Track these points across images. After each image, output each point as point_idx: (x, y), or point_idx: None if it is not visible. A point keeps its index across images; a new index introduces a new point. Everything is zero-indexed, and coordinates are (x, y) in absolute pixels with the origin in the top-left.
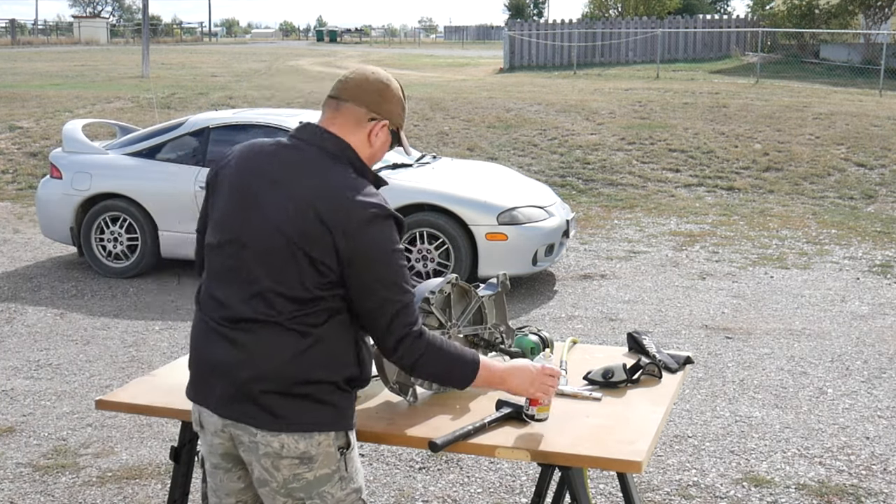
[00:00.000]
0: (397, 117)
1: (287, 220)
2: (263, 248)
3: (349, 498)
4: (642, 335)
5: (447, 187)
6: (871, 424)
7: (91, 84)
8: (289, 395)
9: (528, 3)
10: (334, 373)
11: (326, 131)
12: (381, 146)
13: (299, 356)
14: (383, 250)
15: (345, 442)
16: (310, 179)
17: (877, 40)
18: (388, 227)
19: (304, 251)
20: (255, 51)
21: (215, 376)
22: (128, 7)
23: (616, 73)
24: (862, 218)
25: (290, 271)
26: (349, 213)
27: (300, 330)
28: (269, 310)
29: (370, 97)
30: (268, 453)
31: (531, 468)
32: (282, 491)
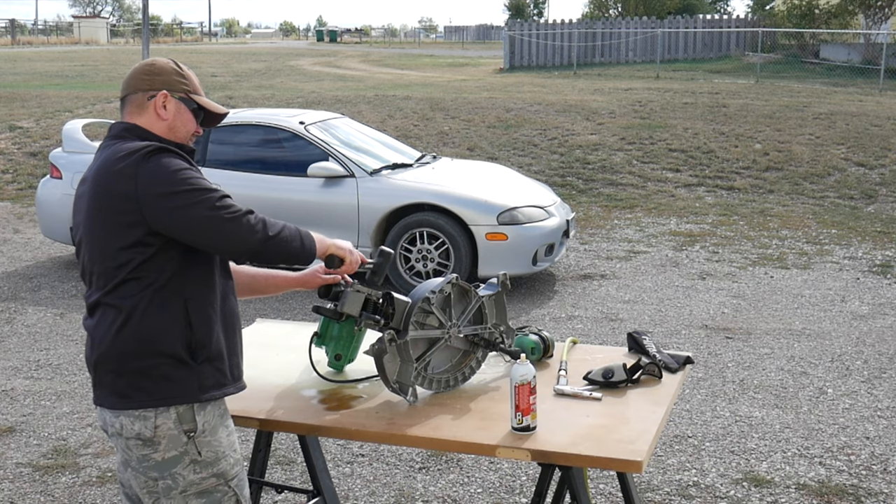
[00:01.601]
0: (176, 84)
1: (89, 200)
2: (87, 238)
3: (206, 482)
4: (642, 335)
5: (447, 187)
6: (871, 424)
7: (91, 84)
8: (122, 373)
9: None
10: (156, 344)
11: (119, 122)
12: (176, 115)
13: (119, 332)
14: (164, 178)
15: (192, 426)
16: (98, 161)
17: (877, 40)
18: (159, 157)
19: (102, 220)
20: (255, 51)
21: (89, 370)
22: (128, 7)
23: (616, 73)
24: (862, 218)
25: (98, 243)
26: (123, 167)
27: (116, 304)
28: (96, 290)
29: (139, 81)
30: (114, 434)
31: (531, 468)
32: (139, 469)
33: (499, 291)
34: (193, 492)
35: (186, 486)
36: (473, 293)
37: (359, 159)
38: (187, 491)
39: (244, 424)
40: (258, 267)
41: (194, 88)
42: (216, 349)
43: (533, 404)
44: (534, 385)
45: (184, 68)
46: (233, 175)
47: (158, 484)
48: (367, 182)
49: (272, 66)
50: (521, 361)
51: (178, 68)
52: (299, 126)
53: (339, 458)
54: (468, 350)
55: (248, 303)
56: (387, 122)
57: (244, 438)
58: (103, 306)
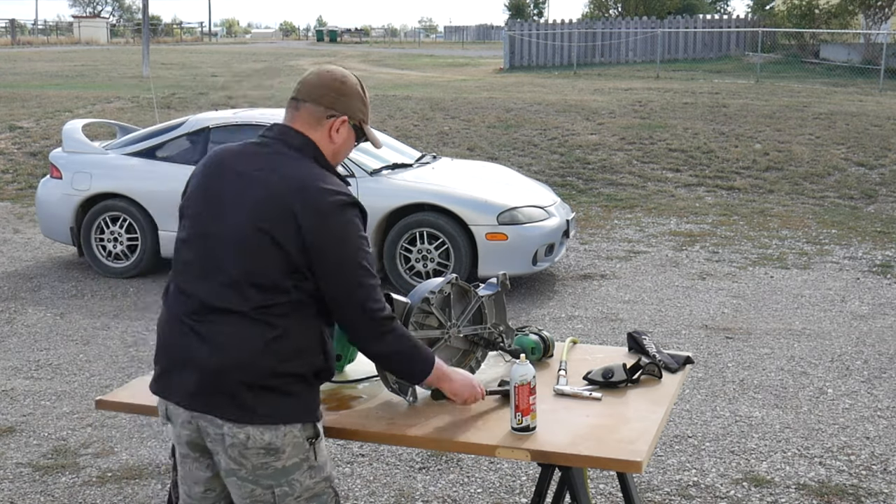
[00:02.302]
0: (357, 112)
1: (254, 208)
2: (233, 239)
3: (318, 486)
4: (642, 335)
5: (447, 187)
6: (871, 424)
7: (91, 84)
8: (255, 387)
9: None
10: (301, 365)
11: (290, 128)
12: (344, 142)
13: (266, 348)
14: (349, 235)
15: (313, 432)
16: (275, 170)
17: (877, 40)
18: (353, 213)
19: (271, 238)
20: (255, 51)
21: (184, 369)
22: (128, 7)
23: (616, 73)
24: (862, 218)
25: (258, 259)
26: (315, 200)
27: (267, 321)
28: (238, 299)
29: (326, 94)
30: (234, 444)
31: (531, 468)
32: (250, 478)
33: (498, 291)
34: (307, 496)
35: (302, 492)
36: (473, 293)
37: (359, 159)
38: (302, 496)
39: None
40: None
41: (367, 117)
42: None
43: (533, 404)
44: (533, 385)
45: (366, 94)
46: None
47: (274, 491)
48: (367, 182)
49: (272, 66)
50: (521, 362)
51: (362, 94)
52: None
53: (339, 458)
54: (468, 350)
55: None
56: (387, 122)
57: None
58: (243, 317)
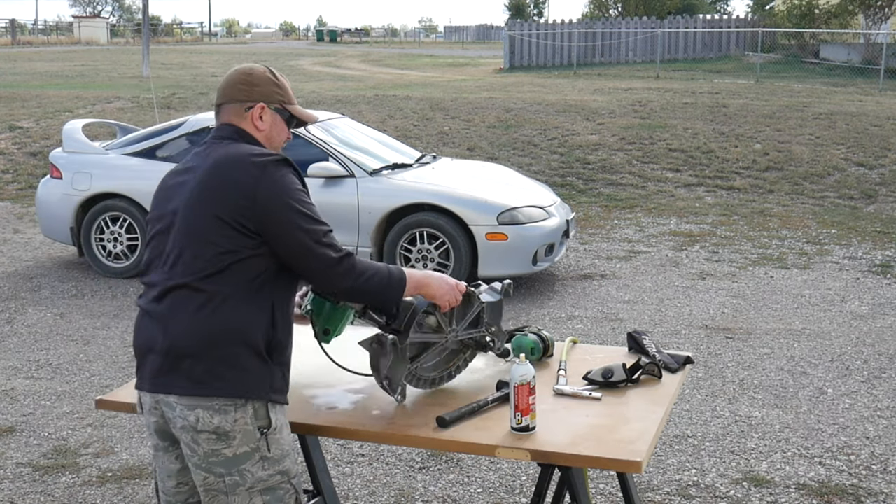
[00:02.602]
0: (273, 95)
1: (193, 188)
2: (182, 222)
3: (272, 479)
4: (642, 335)
5: (447, 187)
6: (871, 424)
7: (91, 84)
8: (203, 358)
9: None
10: (247, 334)
11: (226, 124)
12: (272, 126)
13: (209, 316)
14: (285, 187)
15: (266, 423)
16: (211, 156)
17: (877, 40)
18: (286, 169)
19: (208, 207)
20: (255, 51)
21: (147, 355)
22: (128, 7)
23: (616, 73)
24: (862, 218)
25: (202, 231)
26: (247, 163)
27: (208, 289)
28: (183, 271)
29: (236, 90)
30: (185, 427)
31: (531, 468)
32: (203, 465)
33: (500, 299)
34: (259, 488)
35: (254, 483)
36: (476, 299)
37: (359, 159)
38: (254, 487)
39: None
40: None
41: (288, 98)
42: (287, 355)
43: (532, 404)
44: (533, 385)
45: (279, 77)
46: None
47: (224, 480)
48: (367, 182)
49: (272, 66)
50: (521, 361)
51: (273, 78)
52: (299, 126)
53: (339, 458)
54: (457, 350)
55: None
56: (387, 122)
57: None
58: (188, 290)
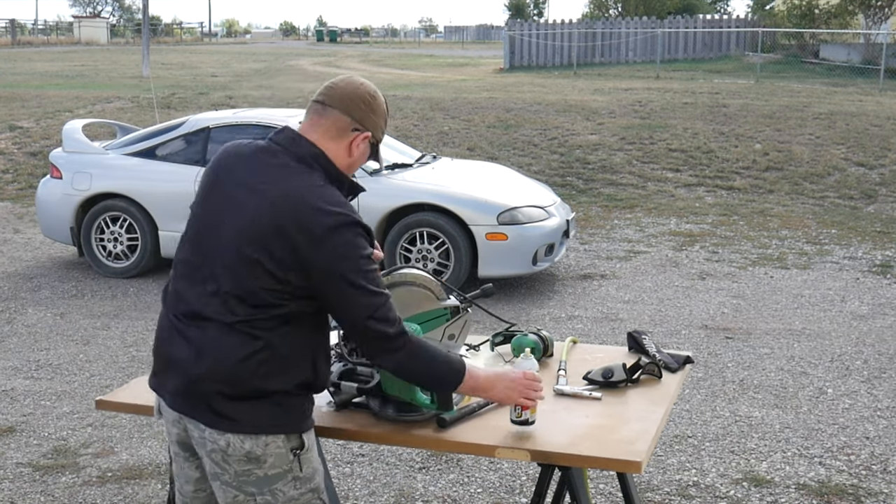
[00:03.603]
0: (379, 131)
1: (251, 224)
2: (225, 252)
3: (304, 497)
4: (642, 335)
5: (447, 187)
6: (871, 424)
7: (91, 84)
8: (236, 398)
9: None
10: (285, 381)
11: (303, 137)
12: (360, 157)
13: (248, 360)
14: (348, 256)
15: (298, 443)
16: (278, 185)
17: (877, 40)
18: (353, 233)
19: (260, 258)
20: (255, 51)
21: (170, 370)
22: (128, 7)
23: (616, 73)
24: (862, 218)
25: (246, 277)
26: (311, 221)
27: (251, 333)
28: (224, 309)
29: (357, 107)
30: (215, 450)
31: (531, 468)
32: (233, 483)
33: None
34: None
35: (286, 502)
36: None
37: None
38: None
39: None
40: None
41: (383, 138)
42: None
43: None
44: None
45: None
46: None
47: (255, 499)
48: (366, 182)
49: (272, 66)
50: (525, 355)
51: (387, 113)
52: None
53: (339, 458)
54: None
55: None
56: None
57: None
58: (228, 327)
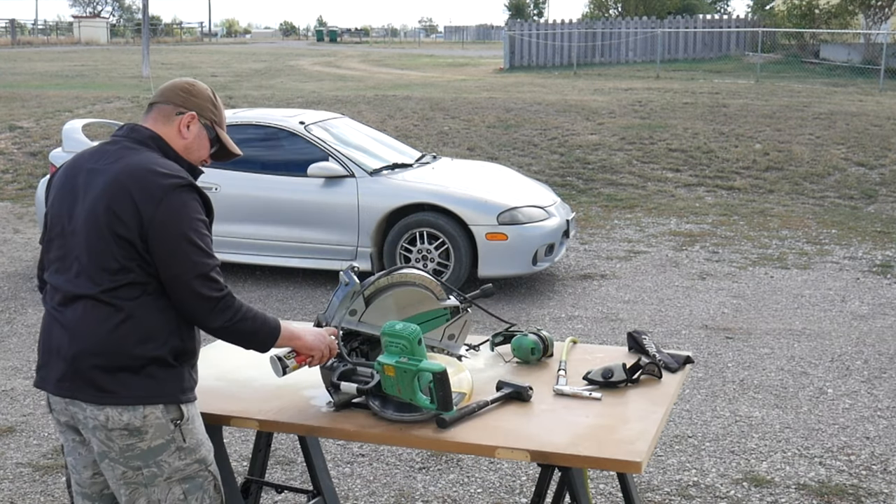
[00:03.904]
0: (207, 111)
1: (98, 198)
2: (82, 227)
3: (190, 468)
4: (642, 335)
5: (447, 187)
6: (871, 424)
7: (91, 84)
8: (110, 370)
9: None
10: (154, 348)
11: (139, 125)
12: (195, 138)
13: (114, 330)
14: (183, 215)
15: (178, 414)
16: (118, 162)
17: (877, 40)
18: (188, 196)
19: (110, 221)
20: (255, 51)
21: (52, 358)
22: (128, 7)
23: (616, 73)
24: (862, 218)
25: (102, 242)
26: (149, 182)
27: (114, 304)
28: (88, 283)
29: (176, 95)
30: (96, 426)
31: (531, 468)
32: (120, 460)
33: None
34: (178, 478)
35: (172, 473)
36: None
37: (359, 159)
38: (172, 477)
39: (244, 425)
40: None
41: (220, 121)
42: (196, 356)
43: None
44: None
45: (217, 99)
46: (233, 175)
47: (142, 472)
48: (367, 182)
49: (272, 66)
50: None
51: (212, 97)
52: (299, 126)
53: (339, 458)
54: None
55: (249, 302)
56: (387, 122)
57: (244, 438)
58: (93, 301)
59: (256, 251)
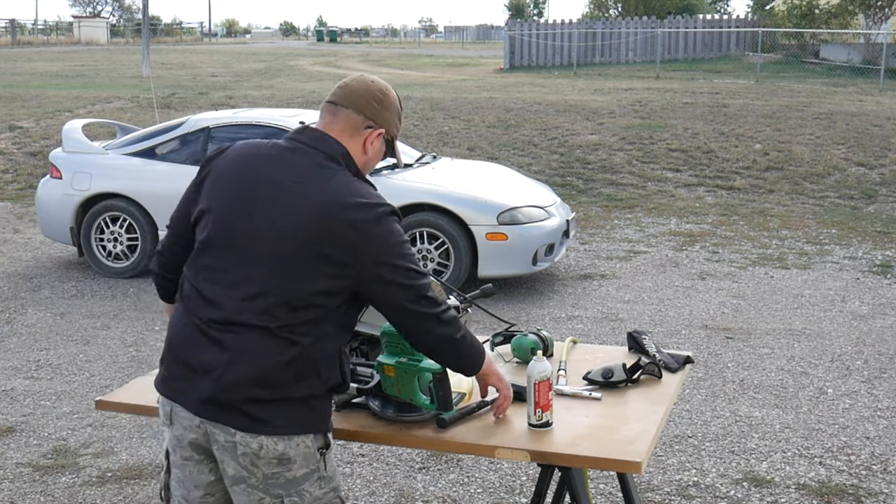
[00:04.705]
0: (393, 127)
1: (298, 226)
2: (269, 256)
3: (327, 497)
4: (642, 335)
5: (447, 187)
6: (871, 424)
7: (91, 84)
8: (271, 402)
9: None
10: (317, 384)
11: (328, 135)
12: (376, 155)
13: (285, 366)
14: (394, 243)
15: (324, 443)
16: (316, 185)
17: (877, 40)
18: (395, 222)
19: (314, 258)
20: (255, 51)
21: (198, 376)
22: (128, 7)
23: (616, 73)
24: (862, 218)
25: (298, 279)
26: (358, 216)
27: (289, 339)
28: (265, 315)
29: (369, 105)
30: (246, 453)
31: (531, 468)
32: (260, 486)
33: None
34: None
35: (311, 502)
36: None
37: None
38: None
39: None
40: None
41: (398, 134)
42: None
43: (551, 400)
44: (551, 380)
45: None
46: None
47: (283, 500)
48: None
49: (272, 66)
50: (538, 358)
51: (400, 110)
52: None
53: (340, 459)
54: None
55: None
56: None
57: None
58: (266, 332)
59: None
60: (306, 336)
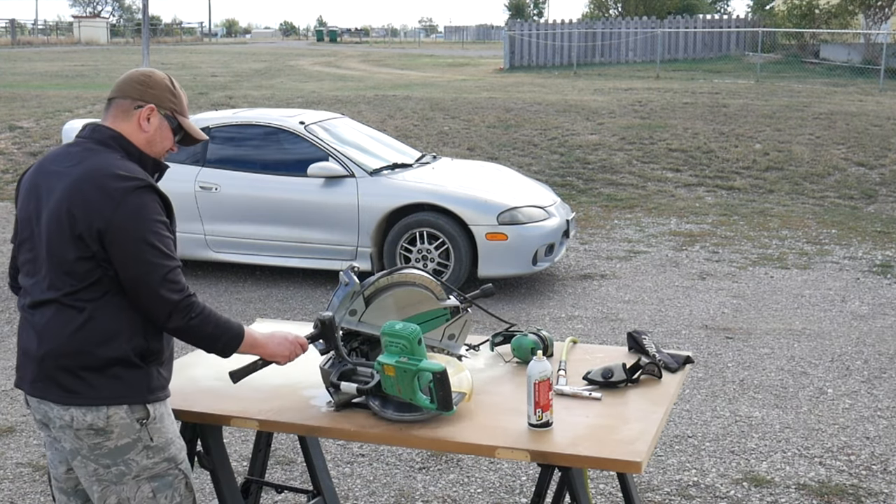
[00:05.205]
0: (166, 101)
1: (59, 202)
2: (46, 234)
3: (158, 467)
4: (642, 335)
5: (447, 187)
6: (871, 424)
7: (91, 84)
8: (74, 371)
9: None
10: (115, 348)
11: (101, 125)
12: (157, 130)
13: (76, 332)
14: (142, 218)
15: (144, 414)
16: (79, 165)
17: (877, 40)
18: (149, 197)
19: (69, 225)
20: (255, 51)
21: (25, 360)
22: (128, 7)
23: (616, 73)
24: (862, 218)
25: (62, 246)
26: (107, 187)
27: (76, 306)
28: (52, 288)
29: (133, 88)
30: (62, 426)
31: (531, 468)
32: (90, 457)
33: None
34: (146, 476)
35: (140, 471)
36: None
37: (359, 159)
38: (140, 476)
39: (244, 425)
40: None
41: (181, 109)
42: (165, 355)
43: (551, 400)
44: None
45: (176, 86)
46: (233, 175)
47: (111, 470)
48: (367, 182)
49: (272, 66)
50: (538, 358)
51: (171, 86)
52: (299, 126)
53: (339, 458)
54: None
55: (249, 302)
56: (387, 122)
57: (244, 438)
58: (59, 305)
59: (256, 251)
60: (91, 303)
